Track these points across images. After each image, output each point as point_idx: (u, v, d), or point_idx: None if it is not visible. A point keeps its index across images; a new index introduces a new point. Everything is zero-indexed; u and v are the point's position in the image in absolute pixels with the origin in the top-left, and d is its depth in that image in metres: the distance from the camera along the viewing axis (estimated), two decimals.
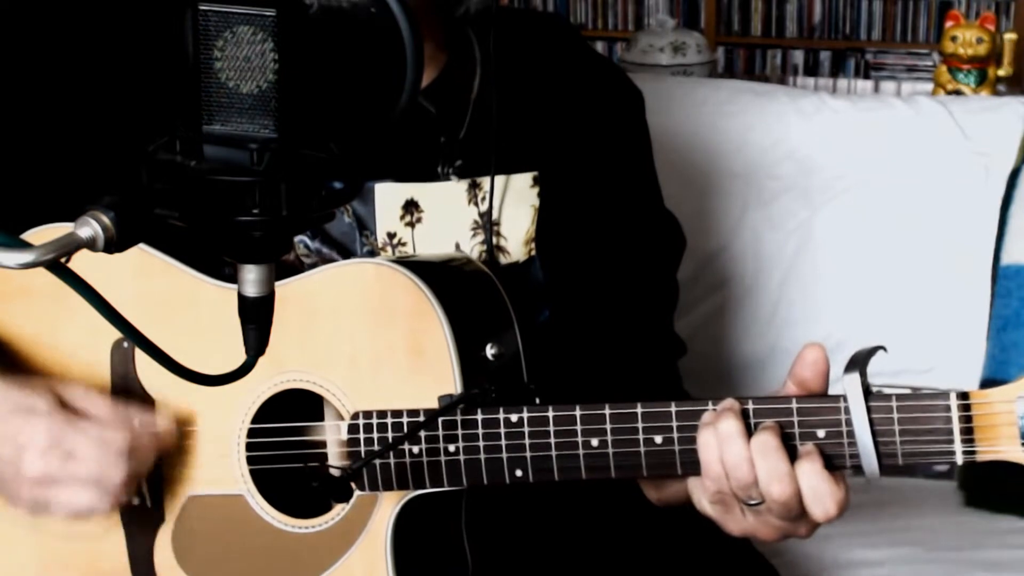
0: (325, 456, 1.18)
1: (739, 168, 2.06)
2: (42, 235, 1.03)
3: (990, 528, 1.82)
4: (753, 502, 1.06)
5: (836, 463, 1.05)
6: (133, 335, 0.84)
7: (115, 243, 0.81)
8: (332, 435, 1.18)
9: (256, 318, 0.89)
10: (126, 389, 1.19)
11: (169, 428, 1.15)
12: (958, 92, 2.60)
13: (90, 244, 0.80)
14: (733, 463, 1.05)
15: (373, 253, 1.27)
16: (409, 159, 1.27)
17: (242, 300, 0.89)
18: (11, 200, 1.22)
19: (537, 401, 1.13)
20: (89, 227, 0.80)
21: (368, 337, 1.14)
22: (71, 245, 0.80)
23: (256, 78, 0.80)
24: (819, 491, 1.04)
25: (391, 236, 1.27)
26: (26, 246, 0.79)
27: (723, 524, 1.11)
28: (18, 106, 1.24)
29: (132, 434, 1.12)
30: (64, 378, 1.20)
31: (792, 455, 1.04)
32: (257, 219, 0.83)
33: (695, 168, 2.05)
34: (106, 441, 1.11)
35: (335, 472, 1.09)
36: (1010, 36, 2.77)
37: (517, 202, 1.30)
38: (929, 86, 2.84)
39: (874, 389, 1.05)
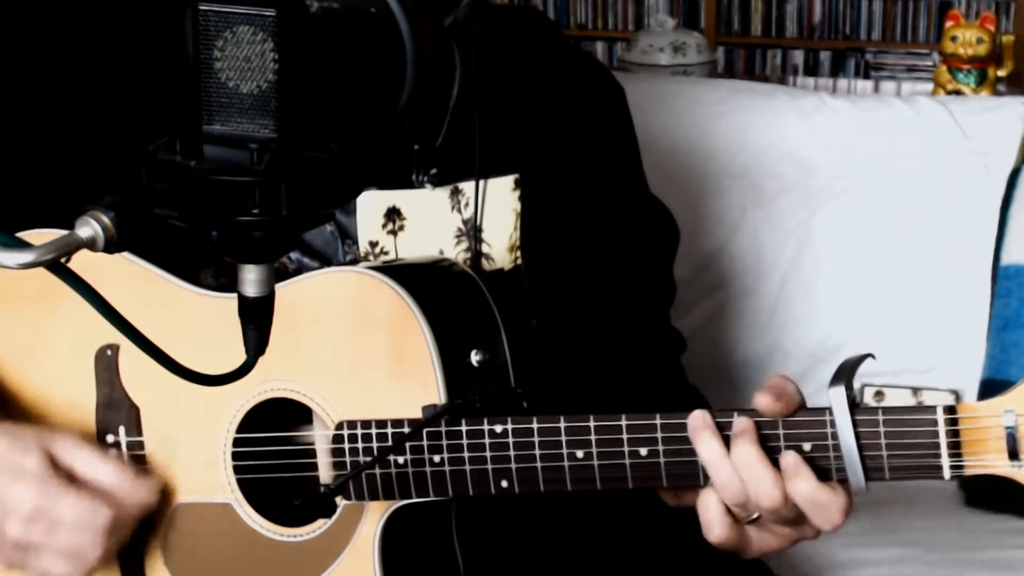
0: (311, 465, 1.18)
1: (739, 168, 2.06)
2: (42, 237, 1.03)
3: (990, 528, 1.82)
4: (754, 517, 1.07)
5: (823, 476, 1.04)
6: (133, 335, 0.84)
7: (115, 243, 0.81)
8: (317, 444, 1.18)
9: (256, 318, 0.89)
10: (111, 396, 1.18)
11: (155, 494, 1.14)
12: (958, 92, 2.60)
13: (90, 244, 0.80)
14: (722, 482, 1.05)
15: (355, 263, 1.25)
16: (383, 167, 1.25)
17: (242, 300, 0.89)
18: (11, 200, 1.22)
19: (525, 406, 1.13)
20: (89, 227, 0.80)
21: (350, 345, 1.14)
22: (71, 245, 0.80)
23: (256, 78, 0.80)
24: (819, 503, 1.03)
25: (373, 245, 1.26)
26: (26, 246, 0.79)
27: (740, 551, 1.11)
28: (18, 106, 1.24)
29: (117, 509, 1.11)
30: (49, 398, 1.19)
31: (778, 467, 1.04)
32: (257, 219, 0.83)
33: (695, 168, 2.05)
34: (92, 517, 1.09)
35: (320, 487, 1.09)
36: (1010, 36, 2.77)
37: (498, 207, 1.28)
38: (929, 86, 2.84)
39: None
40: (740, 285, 2.05)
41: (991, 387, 1.91)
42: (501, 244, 1.29)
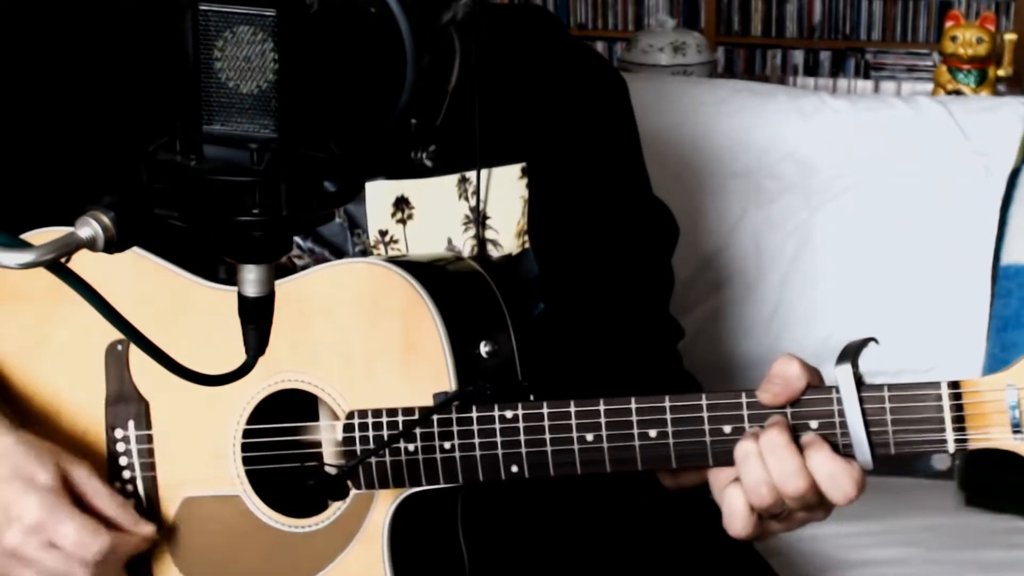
0: (321, 456, 1.18)
1: (739, 168, 2.06)
2: (42, 237, 1.03)
3: (990, 528, 1.82)
4: (778, 511, 1.07)
5: None
6: (133, 335, 0.84)
7: (115, 243, 0.81)
8: (327, 435, 1.18)
9: (256, 318, 0.89)
10: (121, 391, 1.19)
11: (153, 534, 1.16)
12: (958, 92, 2.60)
13: (90, 244, 0.81)
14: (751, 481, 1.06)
15: (365, 252, 1.27)
16: (384, 154, 1.26)
17: (242, 300, 0.89)
18: (11, 200, 1.22)
19: (532, 398, 1.13)
20: (89, 227, 0.80)
21: (362, 336, 1.14)
22: (71, 245, 0.80)
23: (256, 78, 0.80)
24: (835, 475, 1.04)
25: (383, 234, 1.27)
26: (26, 246, 0.79)
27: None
28: (18, 106, 1.24)
29: (115, 543, 1.12)
30: (59, 392, 1.20)
31: (801, 452, 1.05)
32: (257, 219, 0.83)
33: (695, 168, 2.05)
34: (88, 542, 1.11)
35: (330, 471, 1.09)
36: (1010, 36, 2.77)
37: (506, 194, 1.30)
38: (929, 86, 2.84)
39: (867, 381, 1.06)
40: (741, 285, 2.05)
41: None
42: (509, 230, 1.30)
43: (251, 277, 0.88)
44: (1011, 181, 1.98)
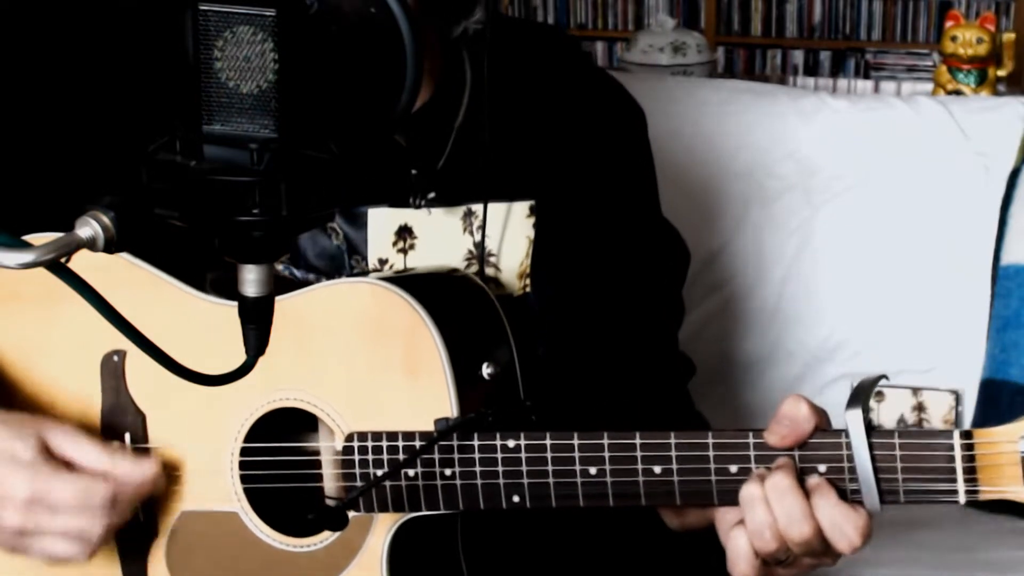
0: (319, 476, 1.17)
1: (740, 168, 2.07)
2: (42, 240, 1.03)
3: (990, 528, 1.82)
4: (783, 557, 1.05)
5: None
6: (134, 336, 0.84)
7: (115, 243, 0.81)
8: (326, 455, 1.17)
9: (256, 318, 0.89)
10: (117, 403, 1.18)
11: (155, 473, 1.13)
12: (958, 92, 2.60)
13: (90, 244, 0.81)
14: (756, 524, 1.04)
15: (364, 276, 1.24)
16: (380, 189, 1.24)
17: (242, 301, 0.89)
18: (11, 200, 1.22)
19: (534, 419, 1.12)
20: (89, 227, 0.80)
21: (362, 356, 1.13)
22: (71, 245, 0.80)
23: (256, 78, 0.80)
24: (839, 523, 1.03)
25: (382, 262, 1.25)
26: (26, 246, 0.79)
27: None
28: (18, 106, 1.24)
29: (115, 485, 1.10)
30: (53, 403, 1.18)
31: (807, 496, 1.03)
32: (257, 219, 0.83)
33: (696, 168, 2.05)
34: (88, 495, 1.09)
35: (330, 502, 1.08)
36: (1010, 36, 2.77)
37: (513, 233, 1.27)
38: (929, 86, 2.84)
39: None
40: (742, 284, 2.05)
41: (991, 387, 1.91)
42: (511, 270, 1.28)
43: (251, 277, 0.88)
44: (1011, 181, 1.98)
